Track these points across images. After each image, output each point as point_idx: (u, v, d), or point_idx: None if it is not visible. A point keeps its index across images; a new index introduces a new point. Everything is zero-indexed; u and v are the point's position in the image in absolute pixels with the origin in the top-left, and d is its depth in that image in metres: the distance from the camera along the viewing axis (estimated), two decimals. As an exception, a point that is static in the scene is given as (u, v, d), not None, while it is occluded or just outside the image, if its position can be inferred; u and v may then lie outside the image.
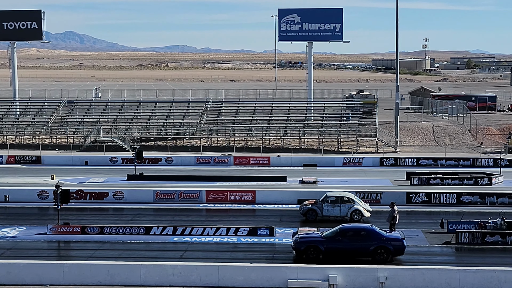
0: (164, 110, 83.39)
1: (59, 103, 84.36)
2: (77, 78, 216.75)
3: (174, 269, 29.47)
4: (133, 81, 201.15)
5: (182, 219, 41.79)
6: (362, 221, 39.82)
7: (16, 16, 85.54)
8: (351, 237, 32.15)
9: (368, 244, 31.83)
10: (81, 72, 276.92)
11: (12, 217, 42.67)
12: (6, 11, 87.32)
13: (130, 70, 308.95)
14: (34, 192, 46.89)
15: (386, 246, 31.74)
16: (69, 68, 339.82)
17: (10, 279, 29.14)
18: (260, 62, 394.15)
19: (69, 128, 78.64)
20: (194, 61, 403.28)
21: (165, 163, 63.99)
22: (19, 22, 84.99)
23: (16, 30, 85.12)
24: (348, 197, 40.80)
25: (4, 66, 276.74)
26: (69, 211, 41.21)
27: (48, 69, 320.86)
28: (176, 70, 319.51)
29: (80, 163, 64.06)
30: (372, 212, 42.58)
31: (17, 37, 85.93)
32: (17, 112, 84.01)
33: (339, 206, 40.41)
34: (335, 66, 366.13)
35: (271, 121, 79.55)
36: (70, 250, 35.66)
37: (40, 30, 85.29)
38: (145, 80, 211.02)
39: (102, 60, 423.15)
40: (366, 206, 41.26)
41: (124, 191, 47.18)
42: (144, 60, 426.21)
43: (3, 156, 65.15)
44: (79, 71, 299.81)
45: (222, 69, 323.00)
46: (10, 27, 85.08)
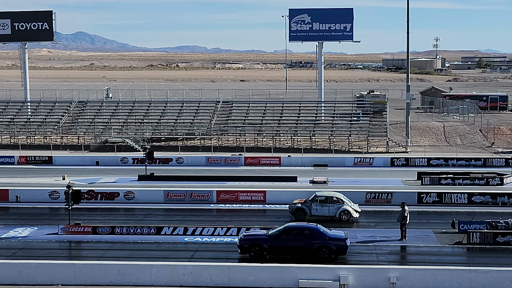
0: (174, 110, 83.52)
1: (70, 104, 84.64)
2: (88, 79, 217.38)
3: (185, 269, 29.50)
4: (143, 81, 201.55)
5: (193, 219, 41.82)
6: (351, 221, 40.18)
7: (28, 17, 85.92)
8: (295, 236, 32.42)
9: (311, 243, 32.10)
10: (91, 73, 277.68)
11: (24, 217, 42.84)
12: (17, 12, 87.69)
13: (141, 71, 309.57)
14: (45, 192, 47.06)
15: (328, 245, 32.09)
16: (80, 68, 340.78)
17: (22, 279, 29.25)
18: (270, 62, 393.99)
19: (80, 128, 78.91)
20: (204, 61, 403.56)
21: (176, 163, 64.09)
22: (31, 23, 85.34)
23: (28, 31, 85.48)
24: (337, 197, 40.79)
25: (16, 67, 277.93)
26: (80, 211, 41.31)
27: (59, 69, 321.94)
28: (187, 70, 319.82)
29: (91, 163, 64.23)
30: (382, 212, 42.56)
31: (28, 37, 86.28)
32: (29, 112, 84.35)
33: (328, 206, 40.44)
34: (346, 66, 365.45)
35: (281, 121, 79.54)
36: (81, 250, 35.78)
37: (51, 31, 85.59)
38: (156, 80, 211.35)
39: (113, 60, 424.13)
40: (355, 207, 41.17)
41: (135, 191, 47.27)
42: (155, 60, 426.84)
43: (15, 156, 65.42)
44: (90, 71, 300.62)
45: (233, 69, 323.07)
46: (21, 27, 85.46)
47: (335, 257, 32.16)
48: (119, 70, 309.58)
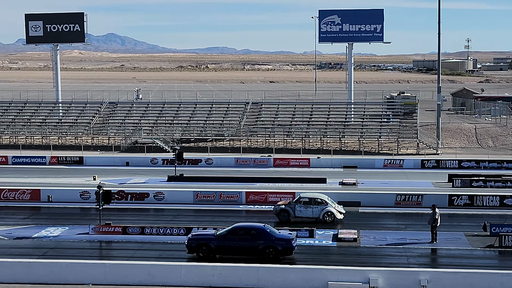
0: (204, 111, 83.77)
1: (101, 105, 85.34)
2: (118, 80, 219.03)
3: (214, 270, 29.55)
4: (173, 82, 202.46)
5: (222, 220, 41.79)
6: (336, 222, 40.07)
7: (60, 19, 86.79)
8: (242, 236, 32.66)
9: (257, 243, 32.32)
10: (122, 74, 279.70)
11: (55, 217, 43.25)
12: (49, 14, 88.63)
13: (170, 72, 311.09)
14: (76, 192, 47.49)
15: (274, 245, 32.24)
16: (110, 69, 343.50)
17: (53, 278, 29.54)
18: (299, 63, 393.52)
19: (110, 129, 79.50)
20: (233, 62, 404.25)
21: (205, 164, 64.27)
22: (62, 24, 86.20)
23: (60, 33, 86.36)
24: (321, 199, 40.69)
25: (47, 68, 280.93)
26: (111, 211, 41.58)
27: (90, 70, 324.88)
28: (216, 71, 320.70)
29: (121, 164, 64.67)
30: (413, 215, 42.25)
31: (60, 39, 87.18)
32: (60, 113, 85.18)
33: (311, 208, 40.35)
34: (376, 67, 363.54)
35: (311, 122, 79.36)
36: (111, 250, 36.04)
37: (82, 33, 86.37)
38: (185, 81, 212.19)
39: (143, 61, 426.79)
40: (339, 208, 41.14)
41: (164, 191, 47.49)
42: (184, 61, 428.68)
43: (46, 156, 66.11)
44: (120, 72, 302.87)
45: (262, 71, 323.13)
46: (53, 29, 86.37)
47: (282, 257, 32.29)
48: (149, 71, 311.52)
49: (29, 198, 47.16)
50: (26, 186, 49.21)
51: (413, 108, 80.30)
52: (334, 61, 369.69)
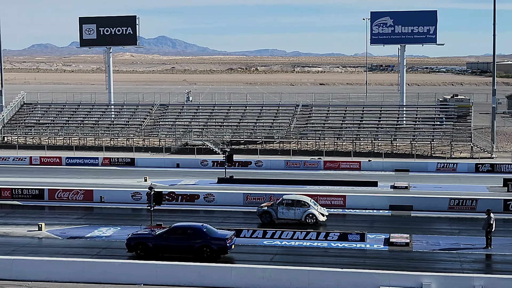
0: (254, 114, 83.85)
1: (152, 107, 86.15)
2: (169, 82, 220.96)
3: (265, 272, 29.43)
4: (223, 84, 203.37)
5: (272, 223, 41.74)
6: (318, 224, 40.21)
7: (112, 22, 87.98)
8: (179, 235, 33.24)
9: (194, 243, 32.89)
10: (173, 76, 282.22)
11: (107, 217, 43.78)
12: (103, 17, 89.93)
13: (220, 74, 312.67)
14: (128, 193, 47.96)
15: (210, 245, 32.81)
16: (161, 72, 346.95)
17: (105, 278, 29.83)
18: (350, 65, 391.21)
19: (161, 131, 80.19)
20: (283, 65, 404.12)
21: (255, 166, 64.25)
22: (115, 27, 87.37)
23: (112, 36, 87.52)
24: (304, 201, 40.81)
25: (100, 70, 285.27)
26: (162, 212, 41.82)
27: (141, 73, 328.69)
28: (266, 73, 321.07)
29: (171, 166, 65.10)
30: (467, 219, 41.48)
31: (113, 42, 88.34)
32: (112, 115, 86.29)
33: (293, 209, 40.51)
34: (428, 69, 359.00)
35: (361, 125, 78.72)
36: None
37: (134, 35, 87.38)
38: (235, 83, 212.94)
39: (193, 64, 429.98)
40: (322, 210, 41.17)
41: (214, 193, 47.61)
42: (234, 64, 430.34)
43: (99, 158, 67.01)
44: (171, 75, 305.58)
45: (312, 73, 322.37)
46: (106, 32, 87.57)
47: (217, 256, 32.75)
48: (199, 74, 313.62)
49: (82, 198, 47.84)
50: (79, 187, 49.94)
51: (467, 111, 78.98)
52: (385, 63, 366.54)
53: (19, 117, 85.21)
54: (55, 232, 39.00)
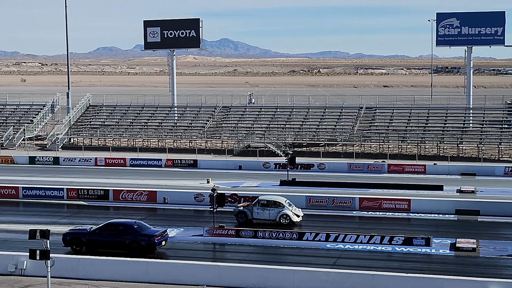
0: (316, 116, 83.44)
1: (215, 109, 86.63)
2: (231, 84, 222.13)
3: (328, 276, 29.16)
4: (285, 87, 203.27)
5: (335, 226, 41.43)
6: (292, 225, 40.90)
7: (176, 25, 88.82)
8: (111, 231, 34.55)
9: (124, 238, 34.23)
10: (235, 78, 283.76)
11: (170, 218, 44.18)
12: (166, 20, 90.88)
13: (283, 76, 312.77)
14: (191, 194, 48.28)
15: (139, 241, 34.10)
16: (223, 74, 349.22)
17: (169, 278, 30.05)
18: (415, 67, 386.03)
19: (224, 133, 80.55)
20: (346, 67, 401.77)
21: (317, 169, 63.86)
22: (179, 30, 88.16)
23: (176, 38, 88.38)
24: (279, 202, 41.46)
25: (163, 73, 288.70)
26: (224, 214, 41.94)
27: (204, 75, 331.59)
28: (328, 76, 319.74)
29: (234, 168, 65.28)
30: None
31: (176, 45, 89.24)
32: (175, 117, 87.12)
33: (268, 210, 41.20)
34: (495, 71, 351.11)
35: (426, 128, 77.44)
36: (225, 252, 36.39)
37: (198, 38, 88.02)
38: (297, 86, 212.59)
39: (256, 66, 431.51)
40: (297, 211, 41.66)
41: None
42: (296, 66, 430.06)
43: (162, 159, 67.71)
44: (233, 77, 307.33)
45: (375, 75, 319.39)
46: (170, 35, 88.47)
47: (147, 252, 33.78)
48: (261, 76, 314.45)
49: (146, 199, 48.38)
50: (143, 188, 50.54)
51: (535, 114, 76.85)
52: (451, 65, 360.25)
53: (85, 119, 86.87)
54: (119, 232, 39.43)
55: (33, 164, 68.55)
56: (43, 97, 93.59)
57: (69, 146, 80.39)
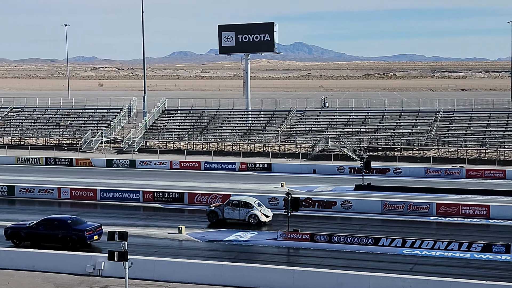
0: (392, 120, 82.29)
1: (289, 113, 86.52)
2: (305, 88, 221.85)
3: (404, 282, 28.61)
4: (360, 90, 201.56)
5: (411, 232, 40.71)
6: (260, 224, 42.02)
7: (250, 29, 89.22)
8: (47, 226, 36.86)
9: (58, 233, 36.55)
10: (308, 82, 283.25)
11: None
12: (241, 25, 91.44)
13: (357, 80, 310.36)
14: (265, 198, 48.09)
15: (70, 235, 36.48)
16: (297, 78, 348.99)
17: (243, 281, 30.04)
18: (493, 70, 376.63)
19: (298, 136, 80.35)
20: (422, 70, 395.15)
21: (393, 173, 62.91)
22: (253, 34, 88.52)
23: (250, 43, 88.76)
24: (248, 202, 42.72)
25: (237, 77, 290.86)
26: (298, 218, 41.68)
27: (277, 79, 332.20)
28: (404, 79, 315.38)
29: (308, 172, 64.97)
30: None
31: (251, 49, 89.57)
32: (249, 121, 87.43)
33: (238, 210, 42.50)
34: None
35: (506, 132, 75.30)
36: (299, 257, 36.20)
37: (272, 42, 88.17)
38: (372, 89, 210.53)
39: (330, 70, 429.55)
40: (266, 212, 42.71)
41: (352, 200, 46.99)
42: (371, 69, 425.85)
43: (236, 163, 68.00)
44: (307, 81, 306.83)
45: (453, 78, 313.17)
46: (244, 39, 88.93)
47: (79, 245, 36.09)
48: (335, 80, 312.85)
49: (220, 202, 48.50)
50: (217, 191, 50.84)
51: None
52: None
53: (161, 122, 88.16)
54: (194, 235, 39.86)
55: (110, 166, 69.97)
56: (119, 101, 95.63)
57: (145, 149, 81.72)
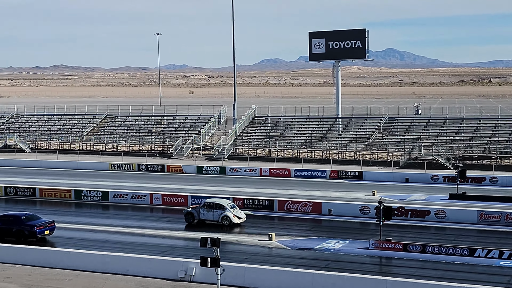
0: (488, 128, 79.74)
1: (380, 120, 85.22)
2: (397, 95, 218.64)
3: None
4: (454, 97, 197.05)
5: (509, 243, 39.12)
6: (233, 225, 44.17)
7: (341, 36, 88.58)
8: (4, 221, 40.94)
9: (12, 227, 40.55)
10: (400, 89, 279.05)
11: (335, 230, 43.75)
12: (332, 31, 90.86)
13: (451, 87, 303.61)
14: (356, 207, 47.55)
15: (22, 230, 40.36)
16: (388, 85, 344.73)
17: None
18: None
19: (389, 144, 79.03)
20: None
21: (489, 183, 60.87)
22: (344, 41, 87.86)
23: (341, 49, 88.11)
24: (221, 204, 44.88)
25: (327, 84, 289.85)
26: (390, 227, 40.89)
27: (368, 86, 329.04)
28: (500, 85, 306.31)
29: (400, 180, 63.63)
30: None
31: (342, 56, 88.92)
32: (340, 128, 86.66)
33: (212, 212, 44.67)
34: None
35: None
36: (391, 267, 35.46)
37: (363, 49, 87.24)
38: (467, 96, 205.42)
39: (422, 76, 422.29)
40: (238, 214, 44.78)
41: (446, 210, 45.71)
42: (466, 76, 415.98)
43: (326, 170, 67.40)
44: (398, 88, 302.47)
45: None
46: (335, 46, 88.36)
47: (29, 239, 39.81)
48: (428, 86, 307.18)
49: (311, 210, 48.23)
50: (307, 199, 50.49)
51: None
52: None
53: (250, 129, 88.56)
54: (284, 242, 39.64)
55: (200, 173, 70.71)
56: (210, 109, 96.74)
57: (234, 156, 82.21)
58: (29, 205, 53.18)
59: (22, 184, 59.64)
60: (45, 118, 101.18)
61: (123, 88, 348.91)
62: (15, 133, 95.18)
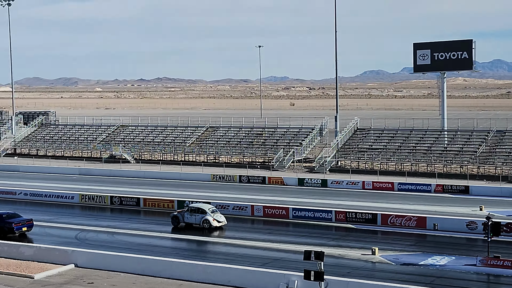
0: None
1: (488, 133, 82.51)
2: (505, 107, 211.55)
3: None
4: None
5: None
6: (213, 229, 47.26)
7: (447, 47, 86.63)
8: None
9: None
10: (508, 101, 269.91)
11: (441, 245, 42.49)
12: (437, 42, 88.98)
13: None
14: (462, 222, 46.10)
15: (2, 226, 44.59)
16: (496, 96, 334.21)
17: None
18: None
19: (497, 158, 76.36)
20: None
21: None
22: (450, 52, 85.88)
23: (447, 61, 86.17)
24: (203, 209, 48.00)
25: (431, 96, 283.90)
26: (499, 244, 39.35)
27: (474, 98, 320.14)
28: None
29: (509, 195, 61.21)
30: None
31: (447, 67, 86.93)
32: (445, 141, 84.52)
33: (195, 215, 47.81)
34: None
35: None
36: (500, 285, 34.12)
37: (470, 60, 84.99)
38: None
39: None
40: (219, 218, 47.72)
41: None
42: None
43: (431, 184, 65.77)
44: (506, 100, 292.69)
45: None
46: (440, 57, 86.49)
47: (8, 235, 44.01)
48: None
49: (415, 225, 47.11)
50: (412, 213, 49.37)
51: None
52: None
53: (352, 142, 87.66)
54: (388, 257, 38.88)
55: (301, 185, 70.47)
56: (311, 121, 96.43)
57: (336, 168, 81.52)
58: (133, 214, 54.74)
59: (127, 194, 61.31)
60: (149, 130, 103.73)
61: (225, 100, 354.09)
62: (120, 144, 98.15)
